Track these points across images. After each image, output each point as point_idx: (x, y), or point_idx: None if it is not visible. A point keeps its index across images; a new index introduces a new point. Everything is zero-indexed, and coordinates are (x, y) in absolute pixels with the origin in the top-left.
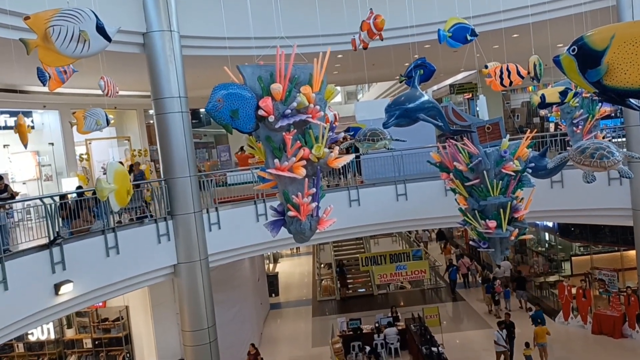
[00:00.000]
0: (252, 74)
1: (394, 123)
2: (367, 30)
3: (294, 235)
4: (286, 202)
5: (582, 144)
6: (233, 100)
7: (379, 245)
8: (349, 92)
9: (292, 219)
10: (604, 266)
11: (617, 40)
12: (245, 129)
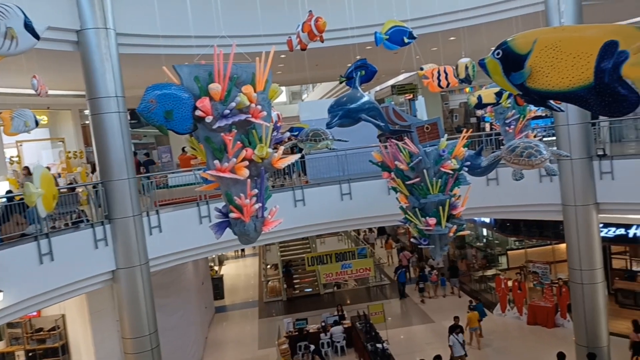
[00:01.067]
0: (189, 74)
1: (337, 123)
2: (308, 32)
3: (238, 236)
4: (229, 204)
5: (513, 143)
6: (167, 101)
7: (325, 244)
8: (293, 92)
9: (236, 221)
10: (537, 259)
11: (539, 44)
12: (181, 130)
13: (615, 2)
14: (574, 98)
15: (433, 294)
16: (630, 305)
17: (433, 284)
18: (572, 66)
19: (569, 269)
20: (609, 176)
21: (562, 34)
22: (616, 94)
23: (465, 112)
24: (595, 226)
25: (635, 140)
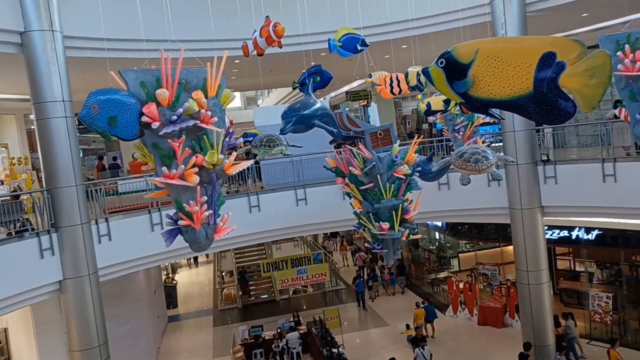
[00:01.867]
0: (136, 79)
1: (291, 129)
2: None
3: (189, 244)
4: (179, 211)
5: (462, 149)
6: (110, 107)
7: (281, 250)
8: (248, 97)
9: (186, 228)
10: (487, 261)
11: (481, 54)
12: (126, 136)
13: (557, 14)
14: (514, 106)
15: (384, 291)
16: (574, 304)
17: (384, 283)
18: (513, 76)
19: (516, 270)
20: (552, 180)
21: (503, 45)
22: (554, 103)
23: (418, 119)
24: (540, 228)
25: (577, 146)
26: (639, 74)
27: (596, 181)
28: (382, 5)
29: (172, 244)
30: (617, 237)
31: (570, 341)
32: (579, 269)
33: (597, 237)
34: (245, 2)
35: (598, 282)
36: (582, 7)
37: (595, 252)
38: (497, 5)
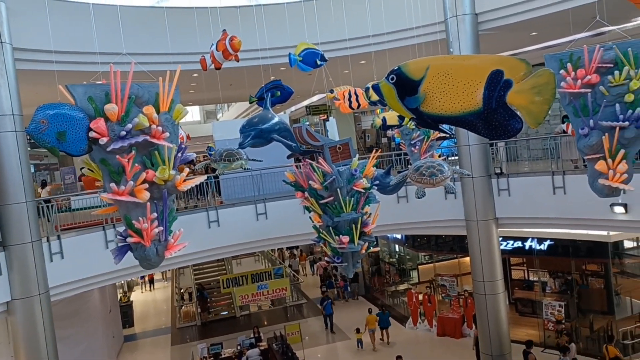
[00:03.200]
0: (84, 94)
1: (250, 144)
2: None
3: (139, 261)
4: (128, 228)
5: (419, 162)
6: (60, 122)
7: (241, 265)
8: (208, 111)
9: (136, 245)
10: (445, 273)
11: (432, 71)
12: (75, 152)
13: (508, 32)
14: (464, 122)
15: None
16: (529, 313)
17: (339, 289)
18: (463, 92)
19: (473, 281)
20: (506, 193)
21: (452, 62)
22: (502, 119)
23: (377, 133)
24: (495, 240)
25: (528, 159)
26: (580, 91)
27: (547, 193)
28: (340, 21)
29: (124, 261)
30: (567, 247)
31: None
32: (532, 278)
33: (549, 248)
34: (203, 16)
35: (551, 291)
36: (530, 26)
37: (547, 262)
38: (451, 24)
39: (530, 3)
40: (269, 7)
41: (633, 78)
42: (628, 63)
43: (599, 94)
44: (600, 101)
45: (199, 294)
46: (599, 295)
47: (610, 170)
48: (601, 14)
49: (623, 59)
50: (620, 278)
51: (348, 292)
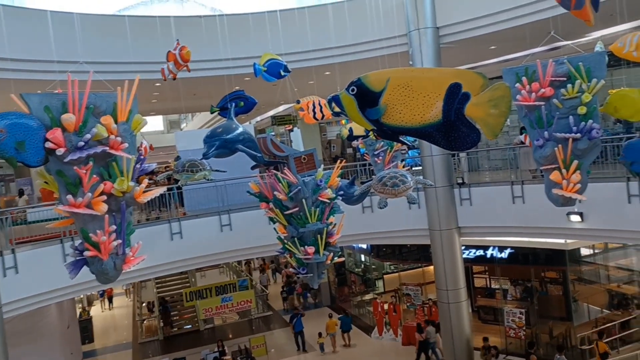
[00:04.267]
0: (40, 103)
1: (214, 154)
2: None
3: (96, 276)
4: (85, 241)
5: (382, 173)
6: (19, 131)
7: (205, 277)
8: (171, 120)
9: (93, 259)
10: (410, 282)
11: (392, 83)
12: (33, 162)
13: (468, 46)
14: (424, 134)
15: (297, 303)
16: (491, 320)
17: (297, 296)
18: (423, 104)
19: (437, 289)
20: (467, 202)
21: (412, 74)
22: (461, 131)
23: (342, 143)
24: (458, 248)
25: (489, 169)
26: (535, 103)
27: (506, 202)
28: (304, 32)
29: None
30: (527, 255)
31: (432, 345)
32: (494, 286)
33: (510, 256)
34: (166, 25)
35: (512, 299)
36: (490, 40)
37: (508, 269)
38: (414, 37)
39: (488, 18)
40: (233, 17)
41: (585, 91)
42: (580, 77)
43: (554, 106)
44: (555, 113)
45: (162, 308)
46: (558, 301)
47: (564, 180)
48: (556, 29)
49: (575, 72)
50: (577, 285)
51: (307, 298)
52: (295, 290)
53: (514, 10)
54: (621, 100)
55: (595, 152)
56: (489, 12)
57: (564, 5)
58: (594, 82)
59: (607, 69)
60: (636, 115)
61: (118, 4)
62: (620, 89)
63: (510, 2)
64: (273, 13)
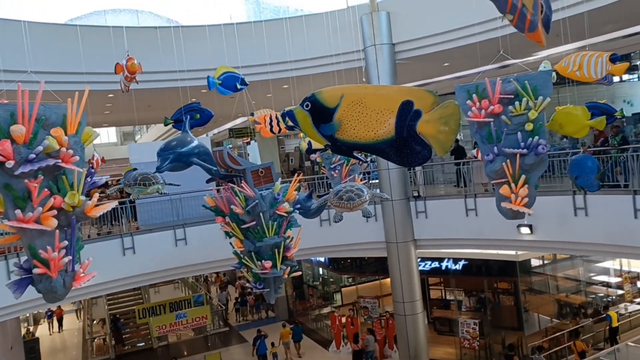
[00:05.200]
0: None
1: (168, 167)
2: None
3: (44, 294)
4: (33, 258)
5: (339, 187)
6: None
7: (159, 293)
8: (125, 132)
9: (40, 277)
10: (367, 294)
11: (346, 99)
12: None
13: (423, 62)
14: (377, 150)
15: (250, 316)
16: (446, 332)
17: (250, 308)
18: (376, 121)
19: (394, 302)
20: (423, 215)
21: (366, 91)
22: (412, 147)
23: (300, 156)
24: (414, 261)
25: (443, 182)
26: (484, 120)
27: (460, 215)
28: (261, 46)
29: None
30: (480, 267)
31: (370, 354)
32: (449, 297)
33: (464, 267)
34: (119, 36)
35: (466, 310)
36: (443, 57)
37: (462, 281)
38: (370, 52)
39: (441, 36)
40: (189, 29)
41: (532, 108)
42: (527, 94)
43: (503, 122)
44: (504, 129)
45: (113, 325)
46: (510, 312)
47: (513, 194)
48: (505, 48)
49: (521, 90)
50: (528, 295)
51: (260, 310)
52: (248, 302)
53: (465, 29)
54: (566, 117)
55: (543, 167)
56: (441, 30)
57: (519, 28)
58: (540, 100)
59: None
60: (580, 131)
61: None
62: (565, 106)
63: (462, 22)
64: (230, 26)
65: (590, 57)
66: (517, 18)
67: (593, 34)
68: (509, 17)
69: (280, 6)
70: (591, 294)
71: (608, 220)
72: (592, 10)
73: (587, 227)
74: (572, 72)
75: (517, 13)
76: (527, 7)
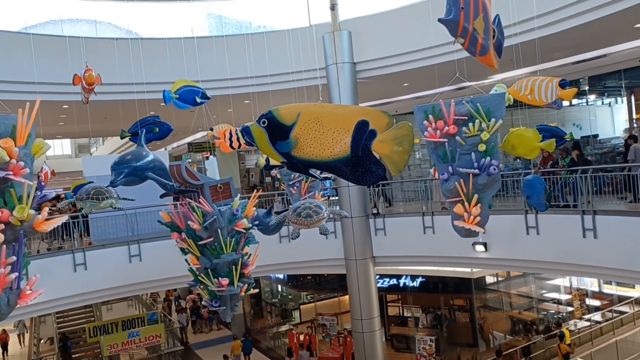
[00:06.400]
0: None
1: (123, 182)
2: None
3: None
4: None
5: (298, 203)
6: None
7: (112, 311)
8: (80, 144)
9: None
10: (326, 312)
11: (303, 117)
12: None
13: (383, 82)
14: (333, 168)
15: (204, 328)
16: (404, 349)
17: (204, 320)
18: (333, 140)
19: (352, 319)
20: (382, 232)
21: (323, 110)
22: (367, 166)
23: (261, 172)
24: (372, 278)
25: (402, 200)
26: (440, 140)
27: (418, 233)
28: (222, 60)
29: None
30: (437, 284)
31: None
32: (406, 314)
33: (421, 284)
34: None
35: (423, 327)
36: (403, 77)
37: (420, 298)
38: (331, 71)
39: (401, 57)
40: (149, 41)
41: (485, 130)
42: (480, 116)
43: (458, 143)
44: (461, 149)
45: (61, 344)
46: (465, 328)
47: (466, 213)
48: (461, 71)
49: (474, 112)
50: (483, 312)
51: (212, 322)
52: (202, 315)
53: (424, 51)
54: (517, 139)
55: (496, 187)
56: (401, 51)
57: (470, 51)
58: (492, 122)
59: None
60: (531, 153)
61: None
62: (518, 128)
63: (421, 44)
64: (190, 40)
65: (541, 81)
66: (468, 42)
67: (544, 60)
68: (460, 40)
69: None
70: (543, 311)
71: (558, 239)
72: (543, 37)
73: (538, 246)
74: (524, 95)
75: (468, 37)
76: (479, 31)
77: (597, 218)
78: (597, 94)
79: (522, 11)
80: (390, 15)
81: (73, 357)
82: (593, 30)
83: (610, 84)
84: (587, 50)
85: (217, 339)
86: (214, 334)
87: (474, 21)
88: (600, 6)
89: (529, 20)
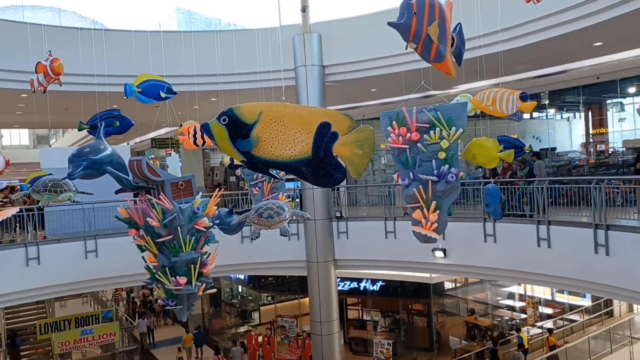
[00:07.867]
0: None
1: (81, 175)
2: (43, 73)
3: None
4: None
5: (260, 204)
6: None
7: (66, 308)
8: (39, 135)
9: None
10: (286, 314)
11: (265, 117)
12: None
13: (351, 86)
14: (294, 169)
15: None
16: (361, 352)
17: (157, 315)
18: (294, 140)
19: (311, 321)
20: (344, 235)
21: (285, 110)
22: (328, 168)
23: (225, 171)
24: (333, 281)
25: (366, 204)
26: (401, 146)
27: (380, 237)
28: (189, 56)
29: None
30: (397, 288)
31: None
32: (366, 318)
33: (381, 288)
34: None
35: (381, 330)
36: (370, 83)
37: (379, 302)
38: (300, 72)
39: (370, 62)
40: (114, 32)
41: (445, 138)
42: (441, 125)
43: (419, 150)
44: (422, 156)
45: (9, 341)
46: (422, 333)
47: (424, 219)
48: (427, 79)
49: (435, 121)
50: (440, 317)
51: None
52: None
53: (392, 58)
54: (478, 148)
55: (455, 195)
56: (369, 57)
57: (424, 57)
58: (453, 130)
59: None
60: (491, 162)
61: None
62: (478, 137)
63: (389, 51)
64: (157, 33)
65: (502, 93)
66: (421, 47)
67: (507, 73)
68: (412, 45)
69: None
70: (497, 317)
71: (514, 248)
72: (506, 50)
73: (495, 253)
74: (486, 106)
75: (421, 42)
76: (432, 37)
77: (552, 228)
78: (557, 108)
79: (487, 24)
80: (361, 21)
81: (22, 355)
82: (554, 47)
83: (569, 99)
84: (548, 66)
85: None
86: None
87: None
88: (561, 23)
89: (493, 33)
